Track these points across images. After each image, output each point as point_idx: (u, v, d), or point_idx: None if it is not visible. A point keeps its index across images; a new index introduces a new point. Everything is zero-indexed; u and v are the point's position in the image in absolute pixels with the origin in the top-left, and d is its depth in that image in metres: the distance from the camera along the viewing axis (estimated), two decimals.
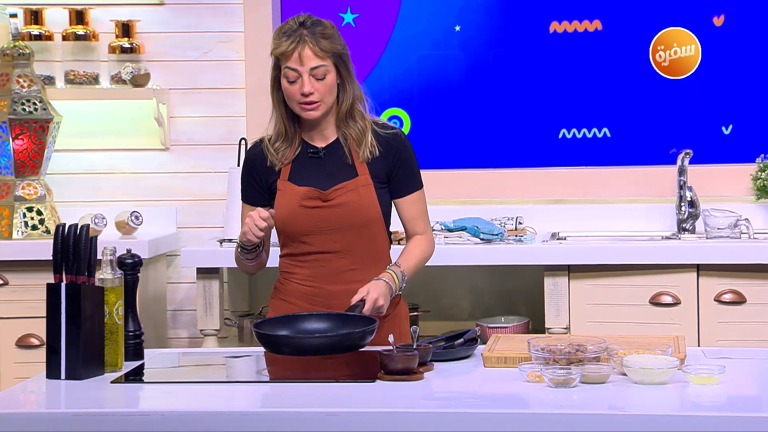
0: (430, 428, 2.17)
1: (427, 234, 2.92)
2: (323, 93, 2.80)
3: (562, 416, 2.16)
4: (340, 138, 2.86)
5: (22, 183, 4.03)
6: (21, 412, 2.27)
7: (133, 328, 2.66)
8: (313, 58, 2.78)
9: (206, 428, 2.20)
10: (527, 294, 4.10)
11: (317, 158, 2.84)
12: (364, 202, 2.82)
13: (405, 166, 2.88)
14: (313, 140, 2.87)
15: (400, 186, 2.88)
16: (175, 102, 4.28)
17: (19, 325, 3.91)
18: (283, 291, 2.89)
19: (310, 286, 2.85)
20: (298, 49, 2.77)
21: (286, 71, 2.79)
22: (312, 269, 2.84)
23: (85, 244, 2.48)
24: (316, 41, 2.78)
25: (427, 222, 2.93)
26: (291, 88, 2.80)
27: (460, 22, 4.27)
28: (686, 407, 2.25)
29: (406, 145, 2.89)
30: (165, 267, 4.28)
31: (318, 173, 2.84)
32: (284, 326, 2.64)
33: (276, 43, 2.81)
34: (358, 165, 2.84)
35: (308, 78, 2.78)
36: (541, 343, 2.46)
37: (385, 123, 2.90)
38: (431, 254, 2.94)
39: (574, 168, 4.27)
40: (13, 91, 4.00)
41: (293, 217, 2.82)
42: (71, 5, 4.20)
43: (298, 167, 2.85)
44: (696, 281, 3.74)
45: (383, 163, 2.85)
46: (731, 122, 4.23)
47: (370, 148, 2.83)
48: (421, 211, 2.91)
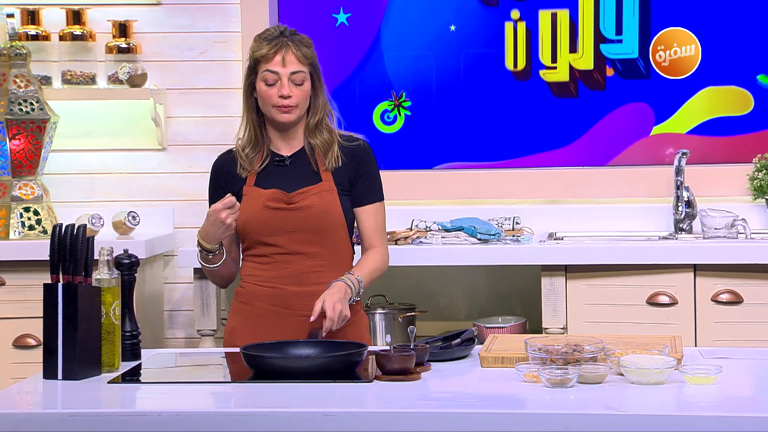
0: (427, 428, 2.17)
1: (382, 248, 2.96)
2: (299, 98, 2.88)
3: (559, 416, 2.16)
4: (306, 147, 2.92)
5: (19, 183, 4.03)
6: (18, 413, 2.27)
7: (130, 328, 2.66)
8: (295, 62, 2.87)
9: (203, 428, 2.20)
10: (524, 294, 4.10)
11: (283, 166, 2.91)
12: (327, 206, 2.88)
13: (367, 175, 2.94)
14: (280, 149, 2.94)
15: (360, 195, 2.93)
16: (171, 102, 4.28)
17: (15, 325, 3.91)
18: (244, 294, 2.93)
19: (272, 287, 2.88)
20: (281, 52, 2.87)
21: (266, 74, 2.86)
22: (274, 270, 2.88)
23: (82, 245, 2.48)
24: (297, 48, 2.88)
25: (384, 236, 2.98)
26: (269, 91, 2.87)
27: (455, 22, 4.27)
28: (683, 407, 2.25)
29: (369, 156, 2.97)
30: (162, 267, 4.28)
31: (283, 178, 2.90)
32: (271, 351, 2.55)
33: (257, 46, 2.89)
34: (322, 172, 2.91)
35: (287, 82, 2.85)
36: (538, 344, 2.46)
37: (350, 136, 2.98)
38: (385, 268, 2.96)
39: (571, 168, 4.27)
40: (9, 91, 4.00)
41: (258, 218, 2.87)
42: (68, 5, 4.20)
43: (264, 174, 2.92)
44: (693, 281, 3.74)
45: (347, 171, 2.92)
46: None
47: (335, 159, 2.90)
48: (378, 224, 2.96)
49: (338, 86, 4.29)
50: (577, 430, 2.14)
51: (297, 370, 2.43)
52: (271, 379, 2.42)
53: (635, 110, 4.27)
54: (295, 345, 2.59)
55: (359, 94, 4.31)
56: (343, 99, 4.26)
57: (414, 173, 4.23)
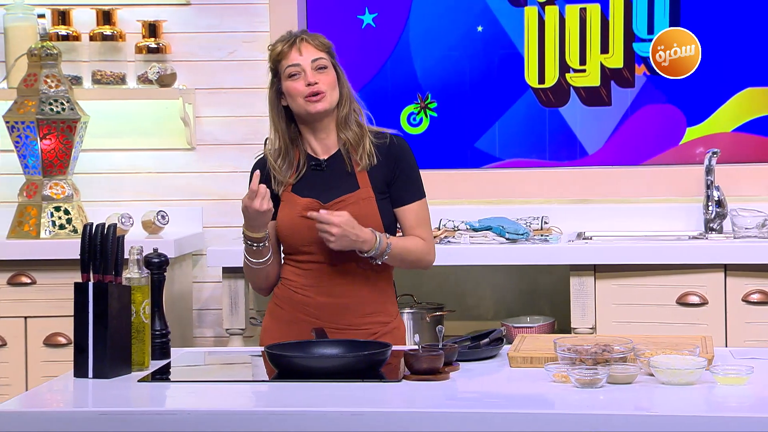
0: (455, 428, 2.16)
1: (427, 242, 2.90)
2: (327, 84, 2.85)
3: (588, 417, 2.15)
4: (341, 148, 2.89)
5: (49, 182, 4.06)
6: (48, 411, 2.29)
7: (160, 327, 2.67)
8: (313, 50, 2.86)
9: (231, 427, 2.21)
10: (552, 294, 4.09)
11: (320, 171, 2.88)
12: (365, 214, 2.83)
13: (404, 174, 2.90)
14: (316, 152, 2.91)
15: (399, 194, 2.89)
16: (200, 102, 4.29)
17: (46, 323, 3.93)
18: (279, 297, 2.93)
19: (304, 295, 2.87)
20: (296, 45, 2.87)
21: (288, 69, 2.86)
22: (308, 279, 2.87)
23: (112, 244, 2.49)
24: (313, 38, 2.88)
25: (428, 231, 2.91)
26: (294, 84, 2.85)
27: (482, 22, 4.26)
28: (714, 408, 2.23)
29: (406, 153, 2.92)
30: (190, 266, 4.30)
31: (321, 185, 2.87)
32: (295, 351, 2.54)
33: (272, 48, 2.94)
34: (358, 174, 2.87)
35: (311, 69, 2.84)
36: (568, 343, 2.45)
37: (383, 132, 2.93)
38: (423, 257, 2.89)
39: (599, 167, 4.25)
40: (40, 91, 4.03)
41: (294, 226, 2.86)
42: (98, 6, 4.22)
43: (302, 179, 2.89)
44: (723, 281, 3.72)
45: (382, 171, 2.88)
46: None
47: (368, 155, 2.86)
48: (420, 221, 2.90)
49: (364, 86, 4.29)
50: (607, 430, 2.13)
51: (321, 370, 2.42)
52: (295, 378, 2.42)
53: (665, 111, 4.24)
54: (319, 344, 2.60)
55: (386, 94, 4.31)
56: (369, 99, 4.25)
57: (441, 172, 4.22)
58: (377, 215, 2.86)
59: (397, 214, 2.91)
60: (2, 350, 3.92)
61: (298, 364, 2.44)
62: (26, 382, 3.91)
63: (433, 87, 4.30)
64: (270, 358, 2.49)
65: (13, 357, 3.92)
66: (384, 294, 2.91)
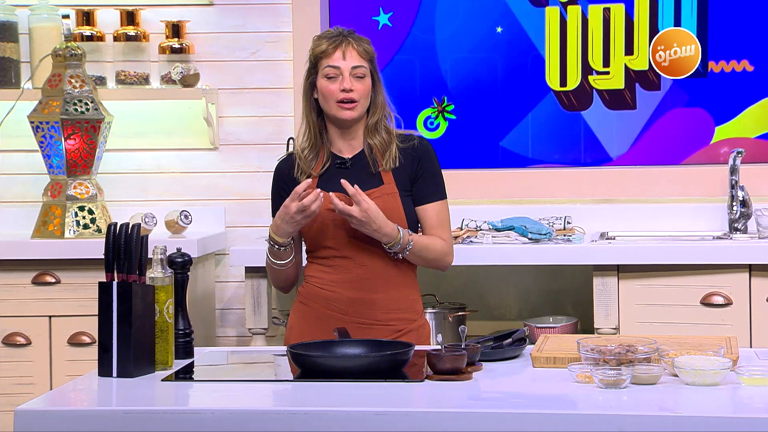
0: (478, 428, 2.16)
1: (447, 243, 2.91)
2: (361, 93, 2.86)
3: (612, 417, 2.14)
4: (366, 149, 2.90)
5: (74, 182, 4.08)
6: (73, 410, 2.30)
7: (183, 326, 2.68)
8: (356, 57, 2.86)
9: (255, 426, 2.21)
10: (575, 294, 4.07)
11: (344, 168, 2.89)
12: (389, 208, 2.85)
13: (427, 173, 2.91)
14: (341, 151, 2.92)
15: (421, 193, 2.91)
16: (223, 102, 4.31)
17: (71, 323, 3.95)
18: (304, 294, 2.93)
19: (330, 290, 2.88)
20: (342, 47, 2.86)
21: (327, 69, 2.85)
22: (334, 274, 2.87)
23: (136, 243, 2.50)
24: (358, 43, 2.87)
25: (448, 232, 2.93)
26: (330, 86, 2.85)
27: (501, 23, 4.23)
28: (738, 409, 2.22)
29: (429, 154, 2.93)
30: (213, 266, 4.31)
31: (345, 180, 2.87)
32: (318, 350, 2.54)
33: (317, 43, 2.89)
34: (383, 173, 2.88)
35: (349, 75, 2.84)
36: (591, 344, 2.44)
37: (409, 135, 2.94)
38: (442, 257, 2.91)
39: (623, 167, 4.23)
40: (65, 92, 4.05)
41: (320, 221, 2.86)
42: (122, 6, 4.24)
43: (326, 176, 2.90)
44: (748, 281, 3.70)
45: (406, 171, 2.90)
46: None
47: (393, 159, 2.88)
48: (441, 221, 2.91)
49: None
50: (631, 431, 2.12)
51: (344, 370, 2.42)
52: (318, 378, 2.43)
53: (692, 113, 4.21)
54: (342, 344, 2.60)
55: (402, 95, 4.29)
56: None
57: (463, 172, 4.21)
58: (401, 210, 2.87)
59: (418, 213, 2.92)
60: (27, 349, 3.95)
61: (321, 364, 2.45)
62: (51, 381, 3.93)
63: (449, 90, 4.27)
64: (293, 357, 2.49)
65: (37, 356, 3.95)
66: (410, 291, 2.92)
